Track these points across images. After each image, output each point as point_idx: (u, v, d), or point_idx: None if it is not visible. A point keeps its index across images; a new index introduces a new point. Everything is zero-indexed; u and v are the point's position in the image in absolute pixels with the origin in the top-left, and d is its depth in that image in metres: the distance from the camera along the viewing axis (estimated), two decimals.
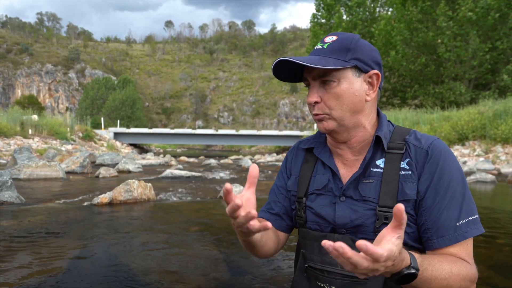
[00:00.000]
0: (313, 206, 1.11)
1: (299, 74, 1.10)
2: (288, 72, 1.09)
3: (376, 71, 1.06)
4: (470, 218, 0.98)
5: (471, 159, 12.27)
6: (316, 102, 1.06)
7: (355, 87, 1.03)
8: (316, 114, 1.06)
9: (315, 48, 1.08)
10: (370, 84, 1.07)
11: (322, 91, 1.05)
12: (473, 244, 1.00)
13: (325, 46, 1.05)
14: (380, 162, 1.07)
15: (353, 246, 1.02)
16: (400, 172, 1.02)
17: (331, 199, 1.09)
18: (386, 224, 0.98)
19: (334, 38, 1.06)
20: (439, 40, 20.17)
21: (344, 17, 27.76)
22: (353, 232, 1.04)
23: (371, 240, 1.01)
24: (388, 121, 1.15)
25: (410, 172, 1.02)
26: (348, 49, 1.03)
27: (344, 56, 1.02)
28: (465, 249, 0.97)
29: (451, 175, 1.00)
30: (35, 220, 3.22)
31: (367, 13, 27.73)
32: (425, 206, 0.99)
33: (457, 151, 13.74)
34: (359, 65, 1.03)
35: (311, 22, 30.03)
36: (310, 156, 1.22)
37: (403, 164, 1.04)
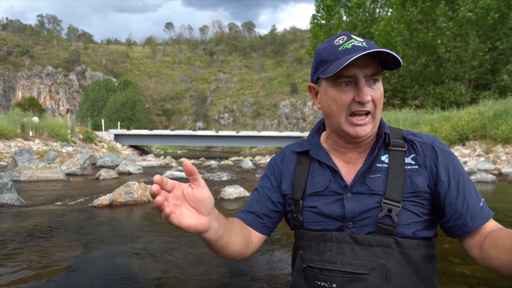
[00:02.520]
0: (317, 205, 1.11)
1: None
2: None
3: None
4: (483, 200, 1.07)
5: (472, 159, 12.25)
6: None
7: (383, 88, 1.08)
8: (367, 113, 1.04)
9: (354, 45, 1.01)
10: None
11: (370, 90, 1.03)
12: None
13: (364, 44, 1.01)
14: (384, 158, 1.10)
15: (352, 243, 1.03)
16: (406, 167, 1.07)
17: (336, 197, 1.10)
18: (389, 216, 1.01)
19: (361, 39, 1.05)
20: (439, 41, 20.16)
21: (344, 18, 27.80)
22: (360, 226, 1.05)
23: (373, 233, 1.03)
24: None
25: (417, 167, 1.07)
26: None
27: None
28: (495, 222, 1.06)
29: (460, 165, 1.08)
30: (35, 222, 3.23)
31: (367, 14, 27.75)
32: (452, 195, 1.04)
33: (458, 151, 13.72)
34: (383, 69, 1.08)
35: (311, 23, 30.10)
36: (303, 158, 1.22)
37: (408, 160, 1.08)
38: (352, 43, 1.01)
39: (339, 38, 1.06)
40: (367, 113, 1.04)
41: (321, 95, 1.12)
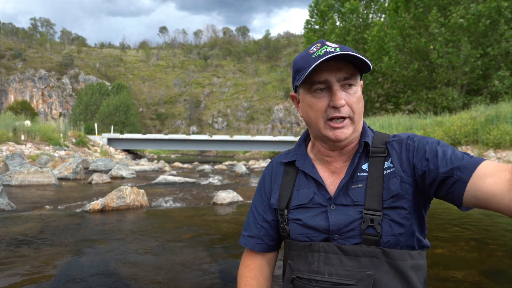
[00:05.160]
0: (301, 218, 1.10)
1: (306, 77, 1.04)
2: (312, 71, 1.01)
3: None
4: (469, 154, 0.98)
5: None
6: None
7: (361, 93, 1.07)
8: (343, 118, 1.02)
9: (326, 51, 0.99)
10: None
11: (345, 94, 1.03)
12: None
13: (337, 50, 0.99)
14: (365, 167, 1.08)
15: (339, 253, 1.02)
16: (384, 172, 1.04)
17: (320, 210, 1.08)
18: (372, 226, 0.99)
19: (336, 45, 1.03)
20: (432, 46, 20.35)
21: (338, 23, 27.98)
22: (346, 238, 1.03)
23: (359, 244, 1.01)
24: (368, 127, 1.17)
25: (393, 168, 1.04)
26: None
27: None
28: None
29: (435, 141, 1.02)
30: (26, 227, 3.19)
31: (360, 20, 27.95)
32: (435, 165, 0.96)
33: None
34: (362, 74, 1.07)
35: (304, 28, 30.27)
36: (290, 168, 1.22)
37: (388, 164, 1.06)
38: (325, 49, 1.00)
39: (314, 46, 1.06)
40: (344, 118, 1.03)
41: (301, 104, 1.13)
